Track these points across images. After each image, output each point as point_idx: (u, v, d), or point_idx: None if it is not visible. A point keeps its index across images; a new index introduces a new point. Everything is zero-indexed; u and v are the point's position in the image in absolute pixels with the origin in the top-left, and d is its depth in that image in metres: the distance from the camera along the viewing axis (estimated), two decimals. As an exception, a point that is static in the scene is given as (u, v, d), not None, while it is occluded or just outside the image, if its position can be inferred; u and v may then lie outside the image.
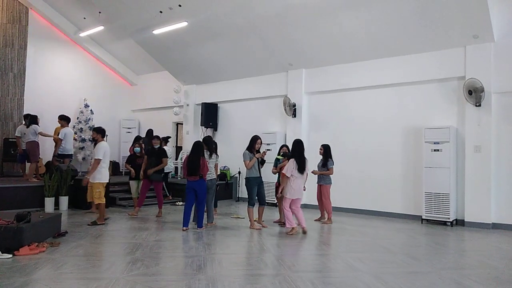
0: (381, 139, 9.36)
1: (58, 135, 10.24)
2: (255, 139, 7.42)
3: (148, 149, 8.89)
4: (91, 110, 13.50)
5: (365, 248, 6.08)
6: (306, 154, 9.78)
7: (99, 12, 11.61)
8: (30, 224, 5.46)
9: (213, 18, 9.81)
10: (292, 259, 5.38)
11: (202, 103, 12.56)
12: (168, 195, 10.87)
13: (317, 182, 8.41)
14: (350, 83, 9.81)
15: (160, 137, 9.57)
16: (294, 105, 10.44)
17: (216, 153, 8.11)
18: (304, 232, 6.97)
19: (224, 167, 11.93)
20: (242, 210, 9.61)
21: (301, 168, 6.88)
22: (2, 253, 4.96)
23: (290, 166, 6.83)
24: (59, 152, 10.16)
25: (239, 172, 11.75)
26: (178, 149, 14.01)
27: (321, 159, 8.31)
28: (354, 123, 9.81)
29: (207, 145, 7.64)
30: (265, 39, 9.99)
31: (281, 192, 7.08)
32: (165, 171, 9.92)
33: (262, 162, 7.53)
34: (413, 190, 8.83)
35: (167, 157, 9.01)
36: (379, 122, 9.43)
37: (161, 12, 10.09)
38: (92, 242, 6.06)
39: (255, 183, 7.38)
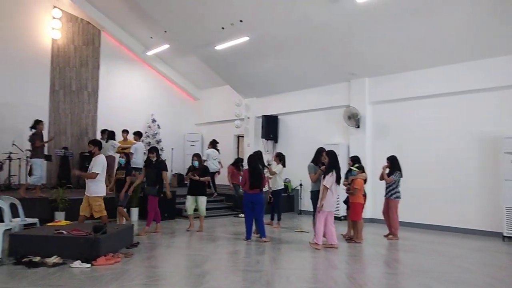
0: (451, 150, 8.80)
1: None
2: (320, 151, 7.27)
3: (146, 161, 8.45)
4: (158, 125, 14.13)
5: (441, 267, 5.69)
6: (371, 166, 9.51)
7: (165, 31, 12.16)
8: (106, 235, 5.76)
9: (273, 32, 9.88)
10: (363, 277, 5.16)
11: (263, 115, 12.65)
12: (214, 192, 11.51)
13: (385, 196, 8.05)
14: (417, 91, 9.37)
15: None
16: (358, 115, 10.17)
17: (284, 165, 9.11)
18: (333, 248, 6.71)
19: (286, 179, 11.85)
20: (305, 224, 9.46)
21: (339, 179, 6.77)
22: (82, 262, 5.26)
23: (331, 178, 6.66)
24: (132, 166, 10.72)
25: (301, 185, 11.63)
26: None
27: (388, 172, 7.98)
28: (421, 133, 9.33)
29: (259, 159, 7.87)
30: (325, 49, 9.87)
31: (319, 205, 6.77)
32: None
33: (339, 178, 7.09)
34: (490, 204, 8.16)
35: (167, 170, 8.36)
36: (449, 131, 8.88)
37: (223, 28, 10.35)
38: (162, 253, 6.25)
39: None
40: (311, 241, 6.83)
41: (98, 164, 6.74)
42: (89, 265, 5.22)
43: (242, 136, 14.02)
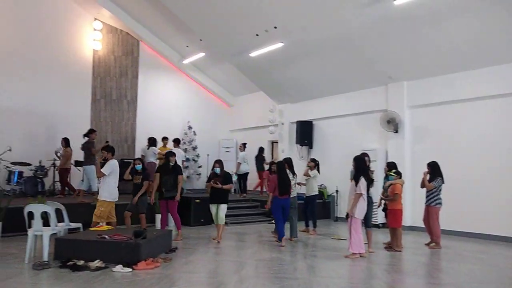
0: (497, 155, 8.38)
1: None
2: (362, 157, 7.14)
3: (162, 166, 8.38)
4: (193, 132, 14.37)
5: (490, 279, 5.41)
6: (410, 172, 9.24)
7: (200, 40, 12.40)
8: (146, 240, 5.89)
9: (308, 37, 9.85)
10: (404, 287, 5.00)
11: (297, 121, 12.60)
12: (244, 193, 12.09)
13: (426, 203, 7.78)
14: (459, 95, 9.04)
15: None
16: (396, 120, 9.91)
17: (318, 170, 9.16)
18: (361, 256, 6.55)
19: (321, 185, 11.72)
20: (342, 231, 9.29)
21: (369, 186, 6.62)
22: (123, 267, 5.40)
23: (363, 184, 6.47)
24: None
25: (337, 191, 11.46)
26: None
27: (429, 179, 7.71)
28: (464, 137, 8.97)
29: (289, 166, 8.03)
30: (361, 53, 9.72)
31: (349, 212, 6.58)
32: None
33: (370, 181, 6.99)
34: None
35: (182, 174, 8.34)
36: (495, 135, 8.48)
37: (257, 35, 10.42)
38: (200, 259, 6.32)
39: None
40: (347, 255, 6.55)
41: (108, 166, 6.99)
42: (130, 270, 5.35)
43: (276, 142, 14.01)
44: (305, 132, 12.46)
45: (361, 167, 6.65)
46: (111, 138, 13.35)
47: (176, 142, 11.61)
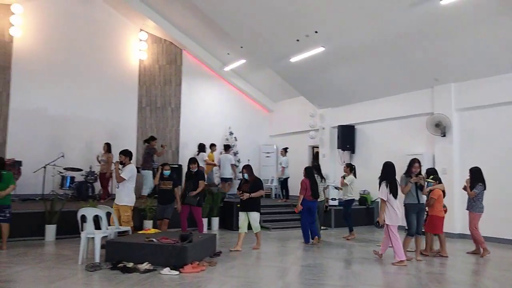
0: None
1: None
2: (412, 163, 6.96)
3: (186, 172, 8.43)
4: (235, 137, 14.55)
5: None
6: (459, 177, 8.88)
7: (241, 47, 12.57)
8: (192, 243, 6.02)
9: (350, 40, 9.74)
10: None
11: (338, 125, 12.46)
12: (286, 199, 12.23)
13: (466, 208, 7.51)
14: (510, 96, 8.59)
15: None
16: (444, 123, 9.55)
17: (355, 175, 9.25)
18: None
19: (364, 191, 11.50)
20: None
21: (395, 192, 6.52)
22: (171, 270, 5.54)
23: (384, 190, 6.51)
24: (221, 177, 11.87)
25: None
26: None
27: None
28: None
29: (318, 171, 8.56)
30: (406, 55, 9.49)
31: (379, 219, 6.64)
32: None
33: (420, 187, 6.83)
34: None
35: (205, 180, 8.32)
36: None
37: (298, 40, 10.43)
38: (245, 263, 6.36)
39: (414, 210, 6.81)
40: (394, 262, 6.44)
41: (127, 170, 7.06)
42: (177, 273, 5.49)
43: (317, 147, 13.90)
44: (346, 137, 12.28)
45: (384, 173, 6.68)
46: (156, 145, 13.76)
47: (226, 148, 12.33)
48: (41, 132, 11.85)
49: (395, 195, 6.51)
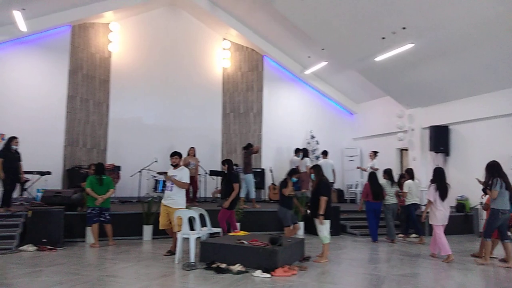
0: None
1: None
2: (493, 165, 6.37)
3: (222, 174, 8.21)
4: (316, 141, 14.36)
5: None
6: None
7: (322, 49, 12.39)
8: (282, 247, 6.00)
9: (442, 34, 9.09)
10: None
11: (430, 126, 11.66)
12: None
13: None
14: None
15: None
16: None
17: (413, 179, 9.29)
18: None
19: (462, 196, 10.61)
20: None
21: (443, 195, 6.96)
22: (263, 272, 5.56)
23: (432, 192, 7.01)
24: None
25: (481, 203, 10.20)
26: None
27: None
28: None
29: (389, 176, 9.15)
30: (507, 47, 8.59)
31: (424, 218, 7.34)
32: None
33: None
34: None
35: (238, 182, 7.83)
36: None
37: (383, 38, 9.99)
38: (335, 269, 6.19)
39: (499, 216, 6.40)
40: (444, 260, 6.85)
41: (187, 174, 6.92)
42: (269, 275, 5.49)
43: (406, 150, 13.16)
44: (440, 138, 11.44)
45: (435, 177, 7.14)
46: (240, 149, 14.07)
47: (324, 153, 12.18)
48: (137, 139, 12.79)
49: (442, 198, 6.97)
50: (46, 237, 7.31)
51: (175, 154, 7.10)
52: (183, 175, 6.92)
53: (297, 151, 12.33)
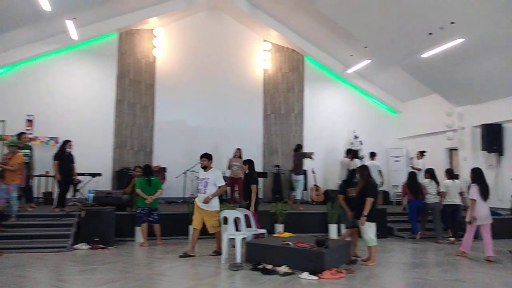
0: None
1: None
2: None
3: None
4: (360, 141, 14.05)
5: None
6: None
7: (365, 47, 12.12)
8: (329, 249, 5.91)
9: (495, 29, 8.64)
10: None
11: (482, 124, 11.09)
12: None
13: None
14: None
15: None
16: None
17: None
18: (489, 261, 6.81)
19: (517, 197, 10.02)
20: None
21: (485, 194, 7.07)
22: (309, 274, 5.51)
23: (475, 192, 7.08)
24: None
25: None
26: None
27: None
28: None
29: (431, 175, 9.26)
30: None
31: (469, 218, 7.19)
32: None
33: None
34: None
35: (256, 183, 7.66)
36: None
37: (430, 34, 9.64)
38: (385, 273, 6.01)
39: None
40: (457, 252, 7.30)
41: (220, 177, 6.77)
42: (316, 278, 5.43)
43: (455, 149, 12.60)
44: (492, 137, 10.86)
45: (476, 178, 7.24)
46: (281, 150, 14.10)
47: (372, 155, 12.09)
48: (181, 141, 13.08)
49: (484, 198, 7.05)
50: (98, 236, 7.62)
51: (203, 156, 6.93)
52: (216, 177, 6.77)
53: (348, 152, 12.08)
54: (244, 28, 14.18)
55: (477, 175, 7.28)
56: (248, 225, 7.07)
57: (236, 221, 6.60)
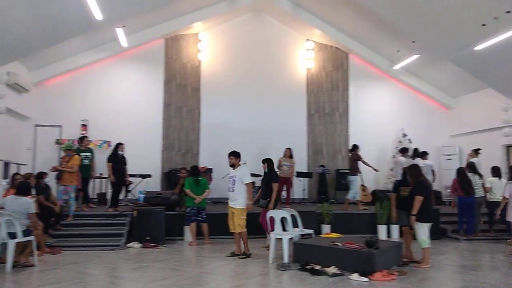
0: None
1: None
2: None
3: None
4: (409, 139, 13.58)
5: None
6: None
7: (413, 42, 11.69)
8: (379, 250, 5.76)
9: (557, 15, 8.04)
10: None
11: (543, 119, 10.37)
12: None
13: None
14: None
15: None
16: None
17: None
18: None
19: None
20: None
21: None
22: (360, 275, 5.39)
23: (509, 189, 7.20)
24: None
25: None
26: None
27: None
28: None
29: (473, 169, 9.26)
30: None
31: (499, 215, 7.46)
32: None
33: None
34: None
35: (277, 182, 7.51)
36: None
37: (483, 25, 9.13)
38: (439, 276, 5.77)
39: None
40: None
41: (247, 174, 6.73)
42: (366, 279, 5.31)
43: (513, 146, 11.87)
44: (556, 132, 10.14)
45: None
46: (326, 149, 13.92)
47: (423, 154, 11.67)
48: (226, 142, 13.14)
49: None
50: (150, 235, 7.91)
51: (231, 154, 6.96)
52: (242, 174, 6.76)
53: (403, 151, 11.89)
54: (287, 28, 14.15)
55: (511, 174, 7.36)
56: (295, 225, 7.04)
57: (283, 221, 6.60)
